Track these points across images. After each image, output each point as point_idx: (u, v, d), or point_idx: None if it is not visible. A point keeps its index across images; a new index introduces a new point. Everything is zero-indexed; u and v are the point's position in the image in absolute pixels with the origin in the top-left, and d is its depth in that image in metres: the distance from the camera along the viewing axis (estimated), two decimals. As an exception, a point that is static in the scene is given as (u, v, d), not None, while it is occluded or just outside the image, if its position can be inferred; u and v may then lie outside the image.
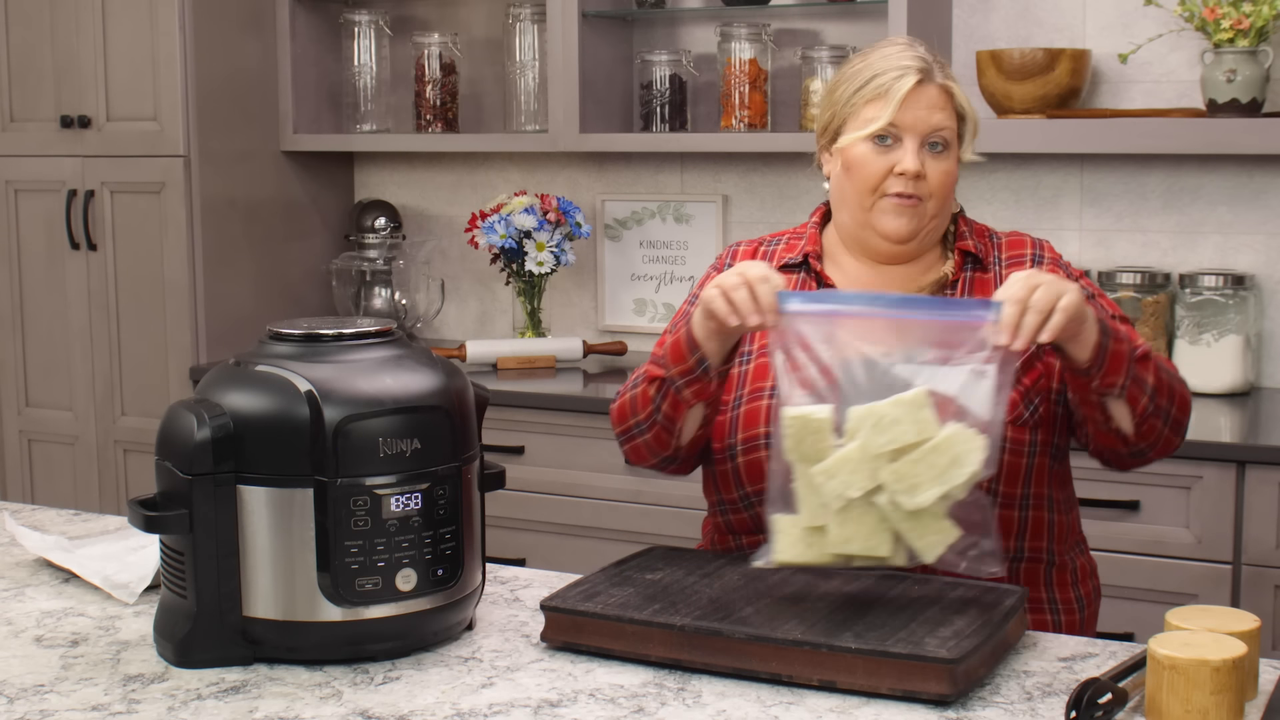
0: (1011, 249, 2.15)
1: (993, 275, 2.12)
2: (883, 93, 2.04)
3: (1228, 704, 1.48)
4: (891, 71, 2.05)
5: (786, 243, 2.21)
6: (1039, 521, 2.05)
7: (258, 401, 1.68)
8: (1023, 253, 2.14)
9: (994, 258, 2.14)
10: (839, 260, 2.16)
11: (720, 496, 2.12)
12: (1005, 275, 2.10)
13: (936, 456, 1.70)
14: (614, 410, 2.12)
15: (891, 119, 2.03)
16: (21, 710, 1.59)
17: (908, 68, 2.05)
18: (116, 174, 3.92)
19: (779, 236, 2.23)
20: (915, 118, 2.04)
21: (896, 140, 2.05)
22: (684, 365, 1.97)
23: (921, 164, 2.04)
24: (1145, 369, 1.94)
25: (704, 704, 1.60)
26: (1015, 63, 3.34)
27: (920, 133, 2.04)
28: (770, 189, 3.82)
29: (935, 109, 2.05)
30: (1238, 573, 2.86)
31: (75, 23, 3.91)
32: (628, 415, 2.09)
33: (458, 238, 4.20)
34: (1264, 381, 3.39)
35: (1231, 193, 3.39)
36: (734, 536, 2.12)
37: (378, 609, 1.69)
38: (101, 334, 4.00)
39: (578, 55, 3.71)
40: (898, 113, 2.03)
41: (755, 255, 2.20)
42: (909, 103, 2.04)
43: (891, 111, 2.03)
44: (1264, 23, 3.11)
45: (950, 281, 2.11)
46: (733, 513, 2.11)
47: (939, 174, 2.06)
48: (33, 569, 2.11)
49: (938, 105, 2.05)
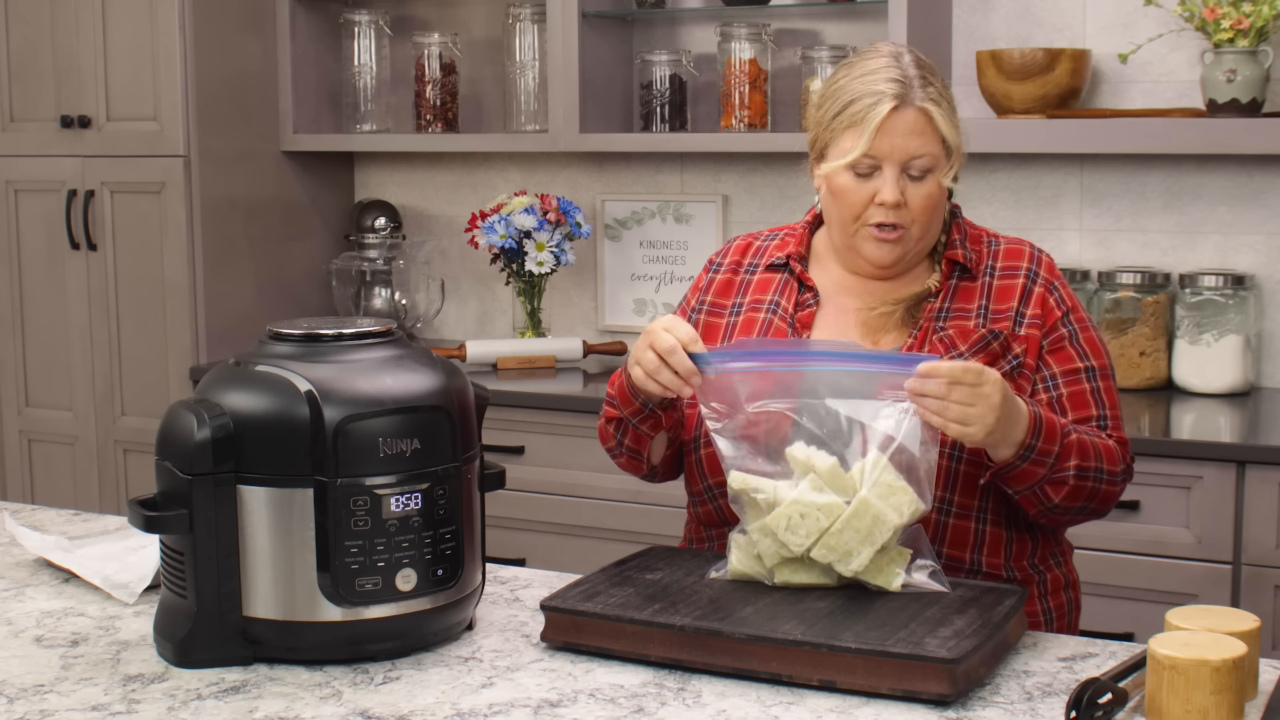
0: (1008, 258, 2.11)
1: (979, 285, 2.09)
2: (858, 121, 2.01)
3: (1228, 704, 1.48)
4: (867, 98, 2.01)
5: (780, 239, 2.21)
6: (996, 537, 2.03)
7: (258, 401, 1.68)
8: (1018, 265, 2.10)
9: (986, 266, 2.11)
10: (826, 264, 2.16)
11: (691, 490, 2.16)
12: (995, 287, 2.09)
13: (857, 521, 1.78)
14: (599, 430, 2.20)
15: (867, 149, 2.01)
16: (21, 710, 1.59)
17: (882, 94, 2.00)
18: (116, 174, 3.92)
19: (775, 232, 2.23)
20: (891, 146, 2.01)
21: (875, 169, 2.03)
22: (633, 408, 2.05)
23: (901, 192, 2.02)
24: (1057, 490, 1.96)
25: (704, 704, 1.60)
26: (1015, 63, 3.34)
27: (898, 160, 2.02)
28: (770, 189, 3.82)
29: (913, 135, 2.01)
30: (1238, 573, 2.86)
31: (75, 23, 3.91)
32: (604, 440, 2.18)
33: (458, 238, 4.20)
34: (1264, 381, 3.38)
35: (1231, 193, 3.39)
36: (704, 529, 2.13)
37: (378, 609, 1.69)
38: (101, 334, 4.00)
39: (578, 55, 3.71)
40: (873, 142, 2.00)
41: (749, 250, 2.21)
42: (885, 130, 2.00)
43: (866, 142, 2.00)
44: (1264, 23, 3.11)
45: (933, 294, 2.09)
46: (700, 505, 2.13)
47: (920, 199, 2.03)
48: (33, 569, 2.11)
49: (915, 131, 2.01)
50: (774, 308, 2.13)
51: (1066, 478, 1.95)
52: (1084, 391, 2.05)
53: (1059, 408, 2.04)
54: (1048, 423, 1.93)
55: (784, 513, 1.79)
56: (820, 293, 2.13)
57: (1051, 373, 2.05)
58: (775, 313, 2.12)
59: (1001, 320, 2.06)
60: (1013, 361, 2.04)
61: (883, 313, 2.08)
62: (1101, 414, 2.05)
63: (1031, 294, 2.08)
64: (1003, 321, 2.06)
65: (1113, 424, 2.06)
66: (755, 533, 1.82)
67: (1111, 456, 2.01)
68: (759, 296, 2.16)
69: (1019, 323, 2.06)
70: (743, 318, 2.15)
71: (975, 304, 2.07)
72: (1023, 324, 2.06)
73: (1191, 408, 3.20)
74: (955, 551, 2.00)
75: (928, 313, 2.07)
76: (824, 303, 2.13)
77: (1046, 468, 1.93)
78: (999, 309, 2.07)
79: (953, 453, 1.98)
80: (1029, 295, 2.08)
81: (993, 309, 2.07)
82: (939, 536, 1.99)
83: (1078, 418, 2.04)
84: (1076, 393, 2.05)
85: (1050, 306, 2.08)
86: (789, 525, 1.78)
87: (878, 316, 2.08)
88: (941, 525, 1.99)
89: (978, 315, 2.06)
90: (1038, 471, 1.93)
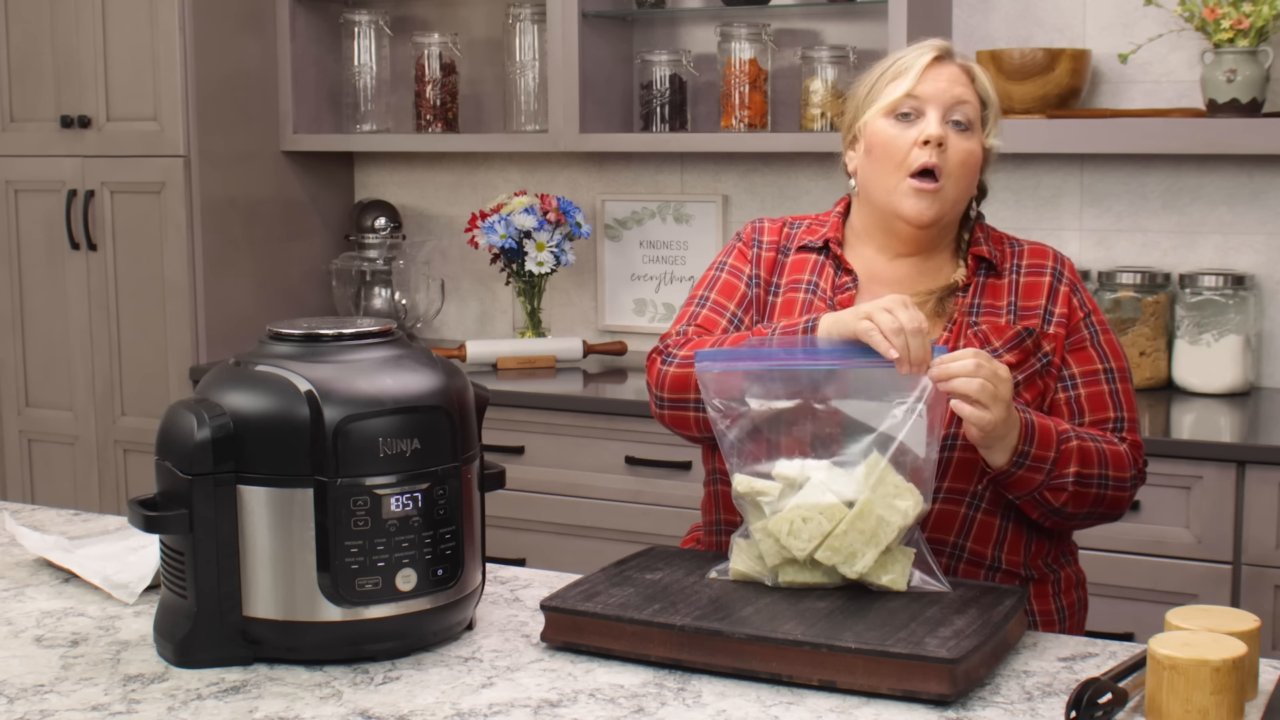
0: (1032, 257, 2.13)
1: (1006, 282, 2.11)
2: (902, 71, 2.07)
3: (1228, 704, 1.48)
4: (912, 52, 2.09)
5: (808, 226, 2.21)
6: (1018, 535, 2.04)
7: (258, 401, 1.68)
8: (1043, 264, 2.12)
9: (1011, 265, 2.12)
10: (858, 250, 2.17)
11: (715, 466, 2.12)
12: (1022, 284, 2.10)
13: (861, 523, 1.77)
14: (668, 375, 2.05)
15: (911, 89, 2.05)
16: (21, 710, 1.59)
17: (926, 48, 2.09)
18: (116, 174, 3.92)
19: (800, 220, 2.23)
20: (936, 89, 2.06)
21: (919, 114, 2.06)
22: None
23: (945, 134, 2.04)
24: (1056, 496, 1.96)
25: (704, 704, 1.60)
26: (1015, 63, 3.34)
27: (943, 103, 2.05)
28: (770, 189, 3.82)
29: (956, 83, 2.07)
30: (1238, 573, 2.86)
31: (75, 23, 3.91)
32: (688, 388, 2.02)
33: (458, 238, 4.20)
34: (1264, 381, 3.39)
35: (1231, 193, 3.39)
36: (721, 512, 2.12)
37: (378, 609, 1.69)
38: (101, 334, 4.00)
39: (578, 55, 3.71)
40: (918, 84, 2.05)
41: (780, 234, 2.20)
42: (928, 76, 2.06)
43: (911, 81, 2.05)
44: (1264, 23, 3.11)
45: (962, 287, 2.11)
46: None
47: (961, 151, 2.05)
48: (33, 569, 2.11)
49: (959, 80, 2.08)
50: (813, 288, 2.13)
51: (1065, 484, 1.95)
52: (1103, 393, 2.06)
53: (1077, 408, 2.05)
54: (1041, 429, 1.94)
55: (786, 517, 1.79)
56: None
57: (1071, 373, 2.07)
58: (815, 293, 2.12)
59: (1030, 318, 2.07)
60: (1043, 360, 2.05)
61: (917, 301, 2.07)
62: (1119, 416, 2.06)
63: (1058, 293, 2.09)
64: (1032, 319, 2.07)
65: (1129, 426, 2.07)
66: (758, 533, 1.82)
67: (1120, 462, 2.01)
68: (796, 277, 2.15)
69: (1048, 320, 2.08)
70: (782, 298, 2.14)
71: (1005, 301, 2.09)
72: (1051, 322, 2.08)
73: (1191, 408, 3.20)
74: (979, 546, 2.01)
75: (960, 307, 2.08)
76: (860, 289, 2.13)
77: (1043, 474, 1.94)
78: (1027, 306, 2.08)
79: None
80: (1055, 294, 2.09)
81: (1021, 306, 2.09)
82: (964, 531, 2.00)
83: (1096, 419, 2.05)
84: (1095, 394, 2.06)
85: (1074, 306, 2.10)
86: (791, 530, 1.78)
87: None
88: (969, 520, 2.00)
89: (1008, 312, 2.08)
90: (1035, 478, 1.94)
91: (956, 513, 1.98)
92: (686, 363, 2.01)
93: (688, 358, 2.02)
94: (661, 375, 2.07)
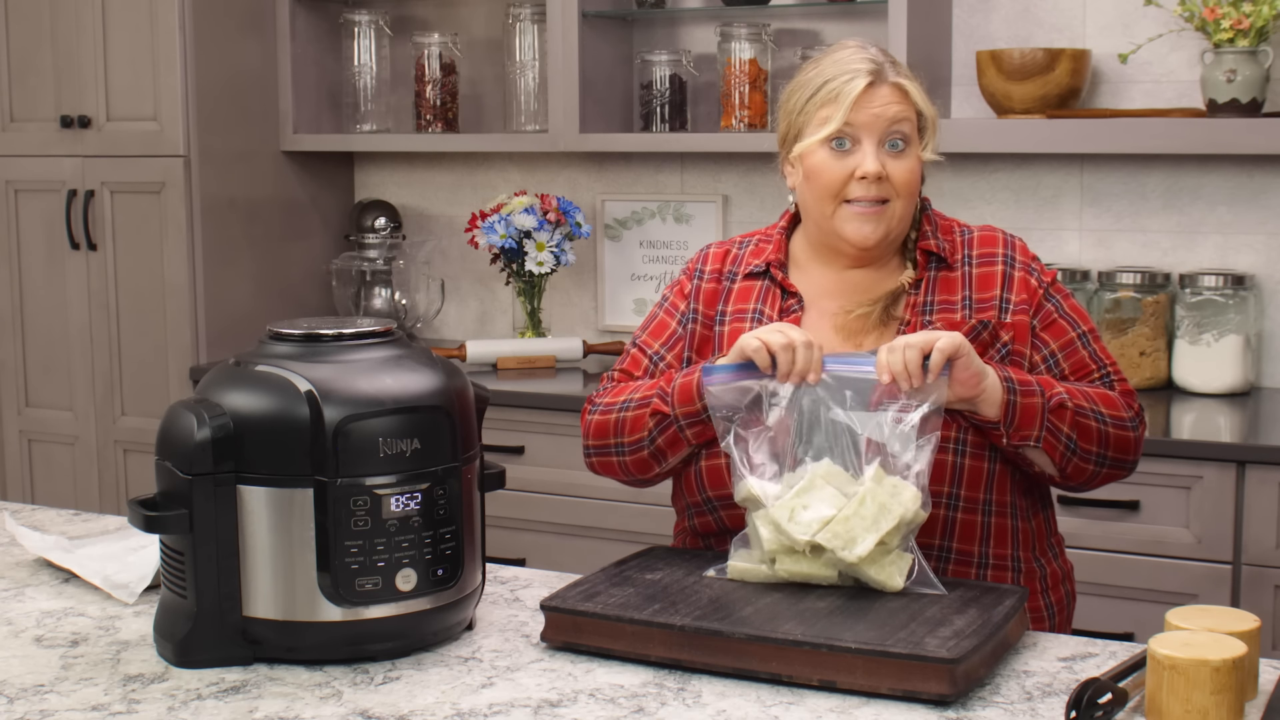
0: (983, 245, 2.12)
1: (959, 275, 2.10)
2: (834, 96, 2.03)
3: (1228, 704, 1.48)
4: (842, 76, 2.03)
5: (755, 245, 2.20)
6: (1002, 528, 2.04)
7: (258, 401, 1.68)
8: (994, 251, 2.11)
9: (962, 255, 2.11)
10: (805, 267, 2.16)
11: (686, 501, 2.12)
12: (976, 276, 2.10)
13: (863, 509, 1.79)
14: (591, 423, 2.14)
15: (845, 119, 2.02)
16: (21, 710, 1.59)
17: (858, 70, 2.03)
18: (116, 174, 3.92)
19: (749, 238, 2.22)
20: (870, 116, 2.02)
21: (854, 143, 2.03)
22: (691, 409, 2.01)
23: (882, 164, 2.02)
24: (1061, 418, 1.97)
25: (704, 704, 1.60)
26: (1015, 63, 3.34)
27: (877, 131, 2.03)
28: (770, 189, 3.82)
29: (891, 103, 2.03)
30: (1238, 573, 2.86)
31: (75, 23, 3.91)
32: (609, 434, 2.11)
33: (458, 238, 4.20)
34: (1264, 381, 3.39)
35: (1231, 193, 3.39)
36: (702, 540, 2.12)
37: (378, 609, 1.69)
38: (101, 334, 4.00)
39: (578, 55, 3.71)
40: (851, 113, 2.02)
41: (727, 258, 2.20)
42: (862, 103, 2.02)
43: (844, 112, 2.01)
44: (1264, 23, 3.11)
45: (912, 285, 2.09)
46: (697, 516, 2.11)
47: (902, 172, 2.04)
48: (33, 569, 2.11)
49: (893, 99, 2.04)
50: (758, 315, 2.12)
51: (1064, 403, 1.97)
52: (1083, 358, 2.09)
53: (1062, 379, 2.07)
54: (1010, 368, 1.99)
55: (788, 504, 1.80)
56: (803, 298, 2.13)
57: (1050, 350, 2.08)
58: (760, 321, 2.11)
59: (986, 310, 2.07)
60: (1001, 350, 2.05)
61: (860, 314, 2.08)
62: (1103, 371, 2.09)
63: (1013, 279, 2.09)
64: (988, 311, 2.07)
65: (1115, 374, 2.10)
66: (759, 519, 1.82)
67: (1110, 402, 2.04)
68: (741, 305, 2.15)
69: (1005, 310, 2.08)
70: (729, 328, 2.13)
71: (959, 295, 2.08)
72: (1009, 311, 2.07)
73: (1191, 408, 3.20)
74: (964, 545, 2.01)
75: (911, 307, 2.08)
76: (807, 307, 2.12)
77: (1038, 395, 1.96)
78: (983, 298, 2.08)
79: (956, 448, 1.99)
80: (1010, 281, 2.09)
81: (976, 298, 2.08)
82: (948, 531, 2.00)
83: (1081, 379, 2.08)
84: (1077, 361, 2.09)
85: (1033, 287, 2.10)
86: (792, 516, 1.79)
87: (856, 319, 2.09)
88: (949, 520, 2.00)
89: (963, 307, 2.07)
90: (1034, 402, 1.96)
91: (936, 515, 1.98)
92: (608, 410, 2.11)
93: (610, 404, 2.11)
94: (587, 424, 2.15)
